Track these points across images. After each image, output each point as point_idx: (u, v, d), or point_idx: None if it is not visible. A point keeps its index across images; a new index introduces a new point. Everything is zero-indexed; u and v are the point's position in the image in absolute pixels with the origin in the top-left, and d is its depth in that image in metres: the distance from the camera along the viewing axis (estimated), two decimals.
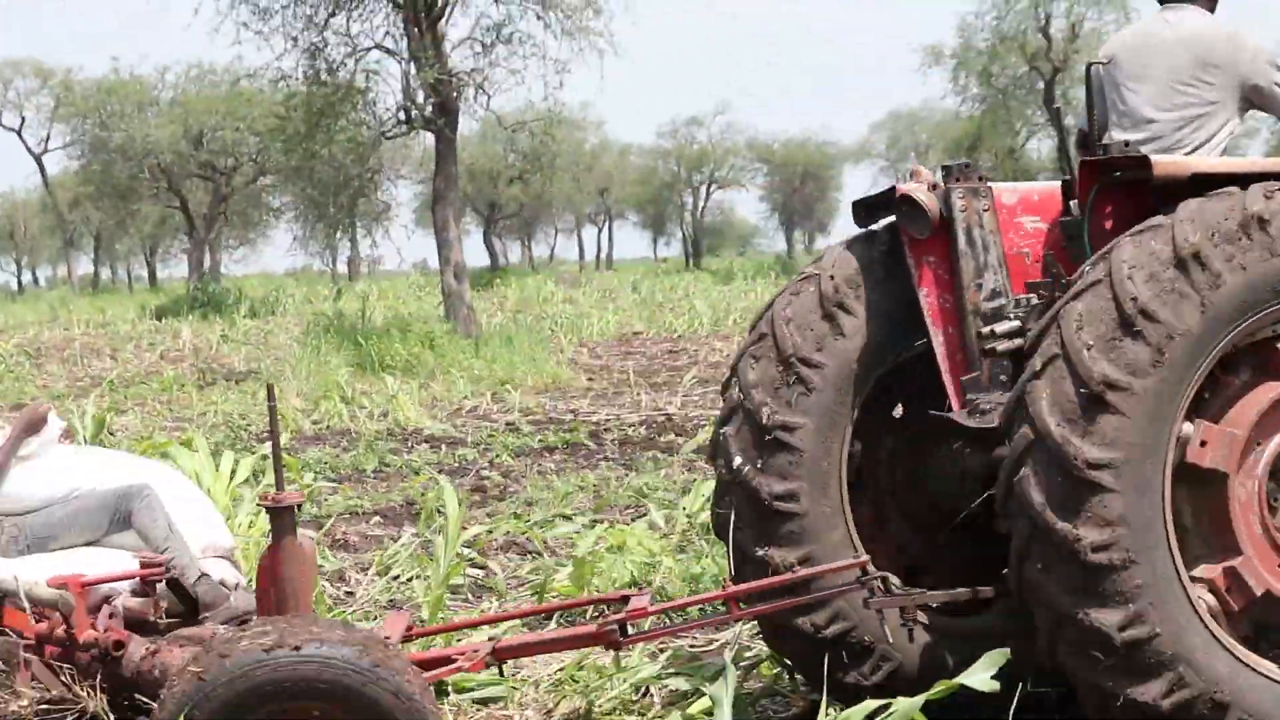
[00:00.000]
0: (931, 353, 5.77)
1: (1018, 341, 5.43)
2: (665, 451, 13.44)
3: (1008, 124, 47.86)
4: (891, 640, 5.58)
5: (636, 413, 16.42)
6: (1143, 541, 4.71)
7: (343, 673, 4.41)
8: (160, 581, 5.61)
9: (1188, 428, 4.88)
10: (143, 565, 5.58)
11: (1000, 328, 5.54)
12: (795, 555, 5.61)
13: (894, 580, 5.35)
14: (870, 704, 5.00)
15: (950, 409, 5.67)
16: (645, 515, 9.47)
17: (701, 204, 70.61)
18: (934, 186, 5.83)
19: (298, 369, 20.06)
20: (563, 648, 5.50)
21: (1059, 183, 5.99)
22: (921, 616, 5.50)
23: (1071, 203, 5.79)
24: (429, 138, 25.84)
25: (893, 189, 5.92)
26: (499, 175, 54.70)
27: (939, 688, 4.59)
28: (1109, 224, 5.58)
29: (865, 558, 5.51)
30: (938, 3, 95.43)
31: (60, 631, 5.27)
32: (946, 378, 5.74)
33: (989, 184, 5.81)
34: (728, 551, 5.81)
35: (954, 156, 56.85)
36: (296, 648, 4.39)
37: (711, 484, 9.10)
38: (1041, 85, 45.90)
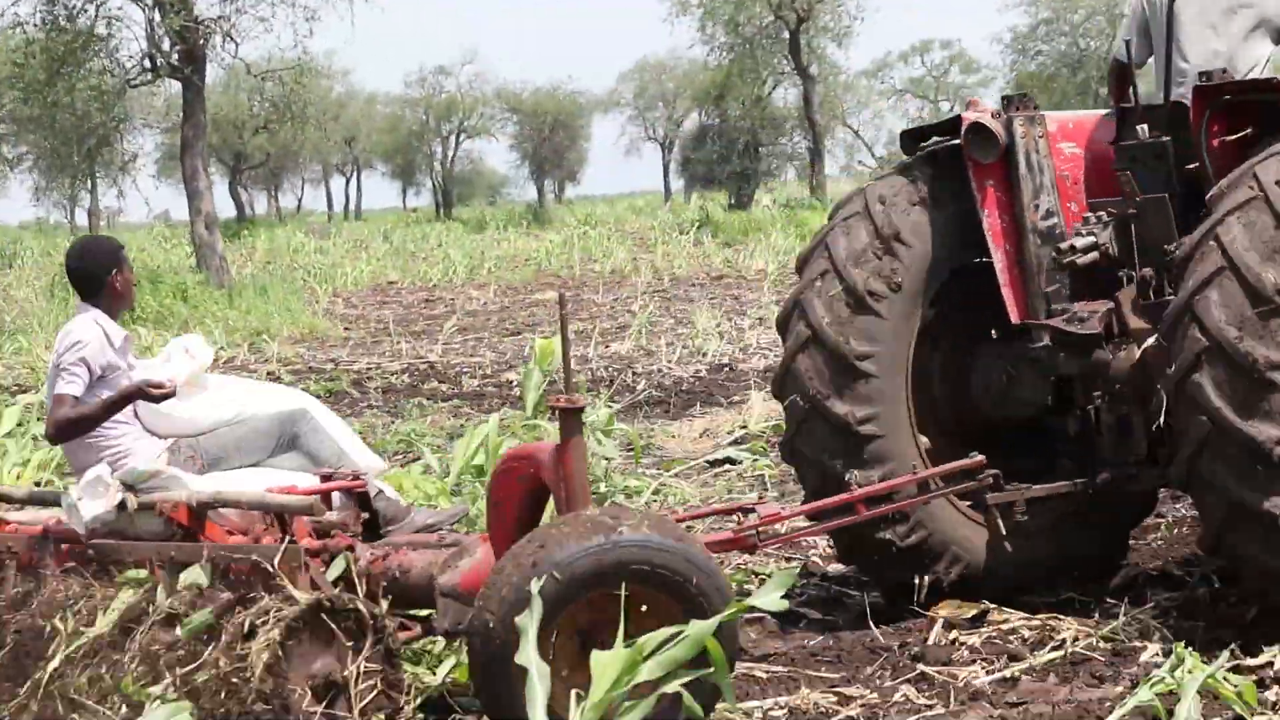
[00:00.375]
0: (976, 269, 6.45)
1: (1094, 255, 6.18)
2: (430, 398, 13.49)
3: (755, 73, 48.38)
4: (989, 537, 6.30)
5: (398, 361, 16.42)
6: None
7: (659, 553, 4.78)
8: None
9: None
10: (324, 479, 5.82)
11: (1080, 243, 6.21)
12: (877, 474, 6.17)
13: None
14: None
15: (1007, 319, 6.39)
16: (419, 459, 9.53)
17: (451, 153, 70.14)
18: (995, 115, 6.45)
19: (45, 322, 19.51)
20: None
21: (1094, 112, 6.90)
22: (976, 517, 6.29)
23: (1141, 127, 6.33)
24: (174, 86, 25.25)
25: (958, 118, 6.49)
26: (244, 125, 53.59)
27: (732, 608, 4.77)
28: (1216, 143, 6.10)
29: (981, 457, 6.09)
30: None
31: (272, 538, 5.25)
32: (1007, 290, 6.37)
33: (1043, 113, 6.55)
34: (802, 475, 6.50)
35: (701, 105, 57.66)
36: (619, 533, 4.76)
37: (483, 429, 9.30)
38: (787, 35, 46.52)
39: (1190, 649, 5.12)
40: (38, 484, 8.81)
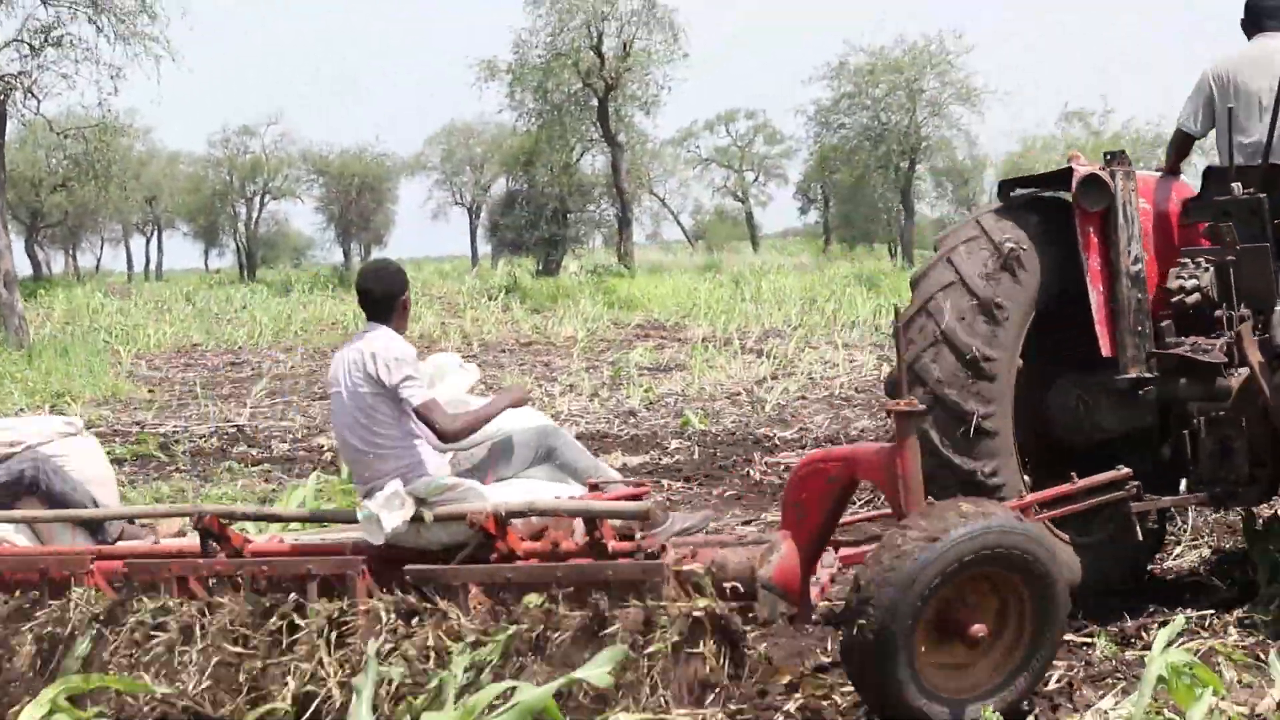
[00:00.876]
0: (1059, 305, 7.36)
1: (1198, 296, 7.27)
2: (240, 462, 13.34)
3: (563, 139, 48.61)
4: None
5: (205, 424, 16.20)
6: None
7: (1020, 537, 5.53)
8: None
9: None
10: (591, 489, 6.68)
11: (1187, 284, 7.30)
12: (989, 467, 7.05)
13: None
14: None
15: (1085, 351, 7.32)
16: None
17: (255, 215, 69.18)
18: (1103, 169, 7.41)
19: None
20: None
21: (1152, 173, 8.08)
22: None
23: (1235, 185, 7.48)
24: None
25: (1070, 169, 7.41)
26: (41, 182, 52.44)
27: (565, 680, 4.96)
28: None
29: (1128, 470, 6.96)
30: (492, 18, 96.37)
31: (571, 544, 5.92)
32: (1101, 327, 7.28)
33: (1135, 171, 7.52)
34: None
35: (509, 170, 57.72)
36: (993, 518, 5.51)
37: (299, 492, 9.25)
38: (595, 102, 46.95)
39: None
40: None
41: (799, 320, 29.59)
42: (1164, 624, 6.30)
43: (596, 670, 5.26)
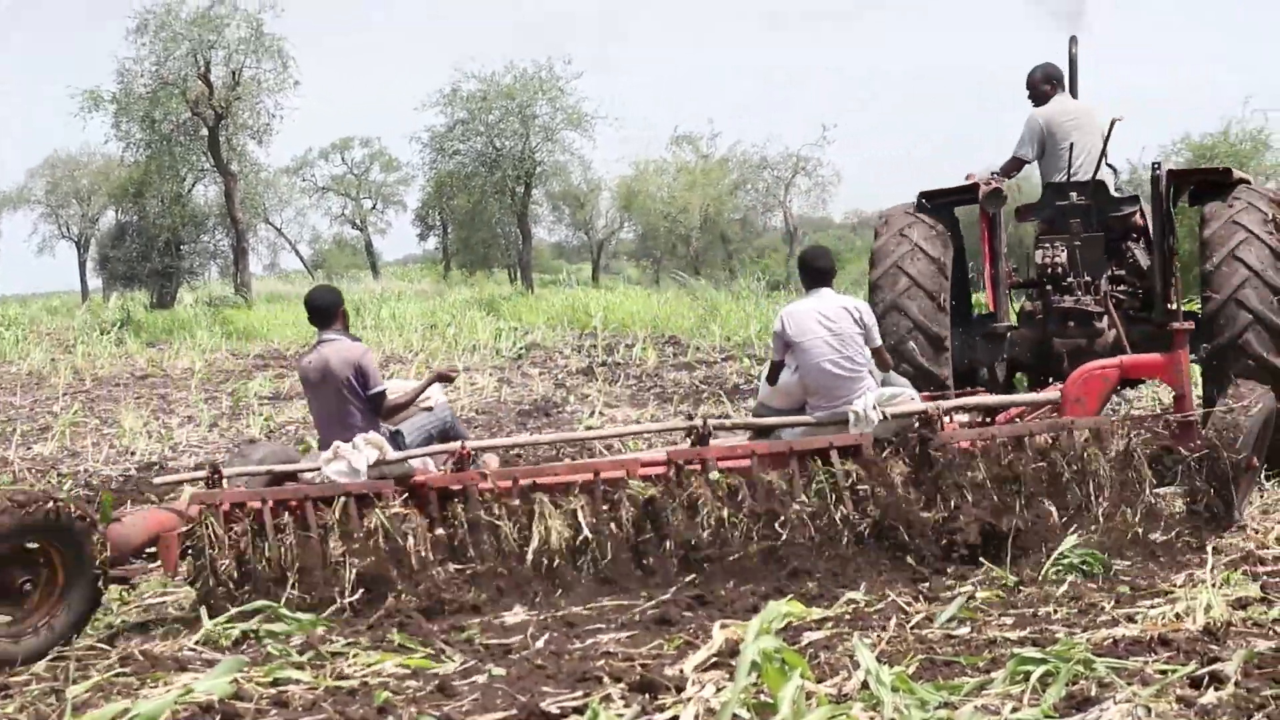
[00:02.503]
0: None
1: (1059, 267, 11.83)
2: None
3: (174, 169, 47.55)
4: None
5: None
6: None
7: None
8: None
9: None
10: None
11: (1050, 260, 11.81)
12: (945, 372, 11.61)
13: None
14: None
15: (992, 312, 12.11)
16: None
17: None
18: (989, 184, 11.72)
19: None
20: None
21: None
22: None
23: (1073, 195, 12.10)
24: None
25: (976, 185, 11.70)
26: None
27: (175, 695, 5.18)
28: (1175, 204, 12.04)
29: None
30: (97, 46, 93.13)
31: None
32: (988, 290, 12.17)
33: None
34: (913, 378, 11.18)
35: (119, 202, 56.03)
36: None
37: None
38: (206, 132, 46.12)
39: None
40: None
41: (420, 345, 29.77)
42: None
43: None
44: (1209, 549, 8.46)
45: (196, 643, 7.58)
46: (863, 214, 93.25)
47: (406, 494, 8.71)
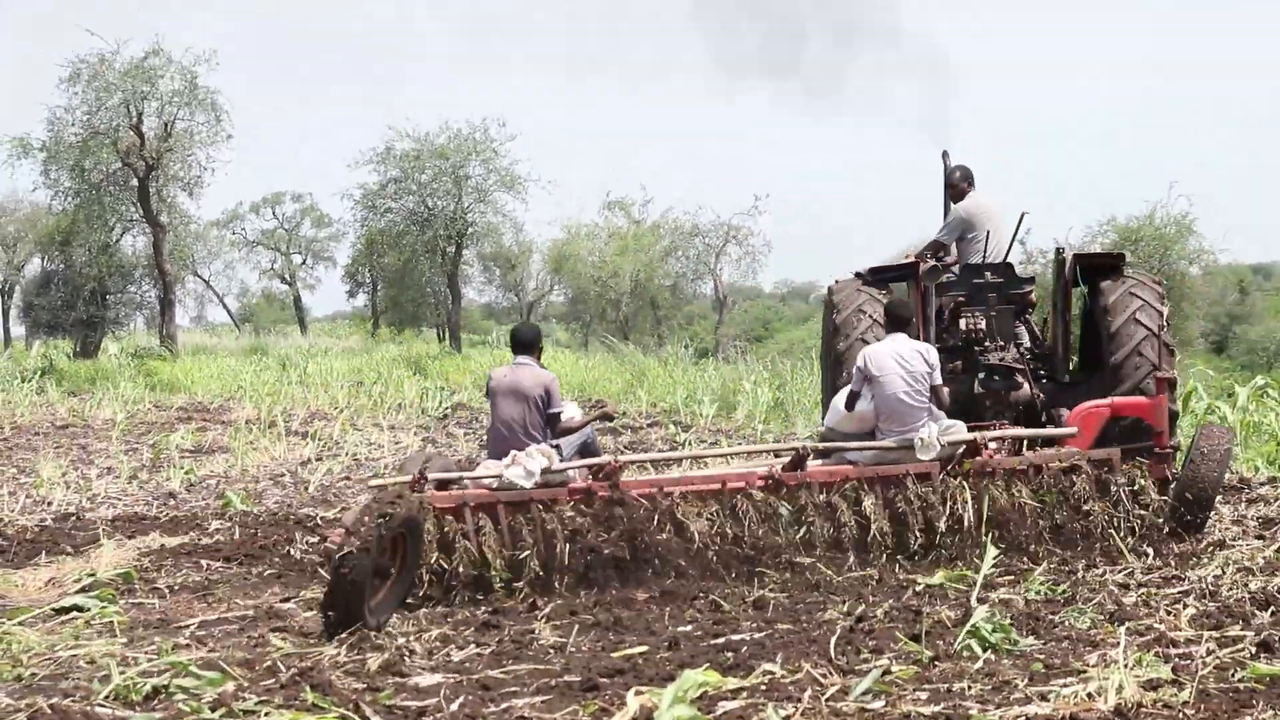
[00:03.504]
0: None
1: (981, 330, 13.82)
2: None
3: (102, 219, 47.21)
4: None
5: None
6: None
7: None
8: None
9: None
10: None
11: (972, 327, 13.80)
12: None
13: None
14: None
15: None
16: None
17: None
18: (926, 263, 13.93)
19: None
20: None
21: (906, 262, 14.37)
22: None
23: (986, 274, 14.06)
24: None
25: (916, 263, 13.98)
26: None
27: None
28: (1072, 286, 13.97)
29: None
30: (23, 93, 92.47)
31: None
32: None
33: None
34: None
35: (45, 250, 55.52)
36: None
37: None
38: (136, 182, 45.83)
39: None
40: None
41: (346, 402, 29.65)
42: None
43: None
44: (1121, 630, 8.55)
45: (107, 697, 7.49)
46: (792, 283, 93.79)
47: (579, 498, 10.84)
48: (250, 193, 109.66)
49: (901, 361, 11.89)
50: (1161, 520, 11.55)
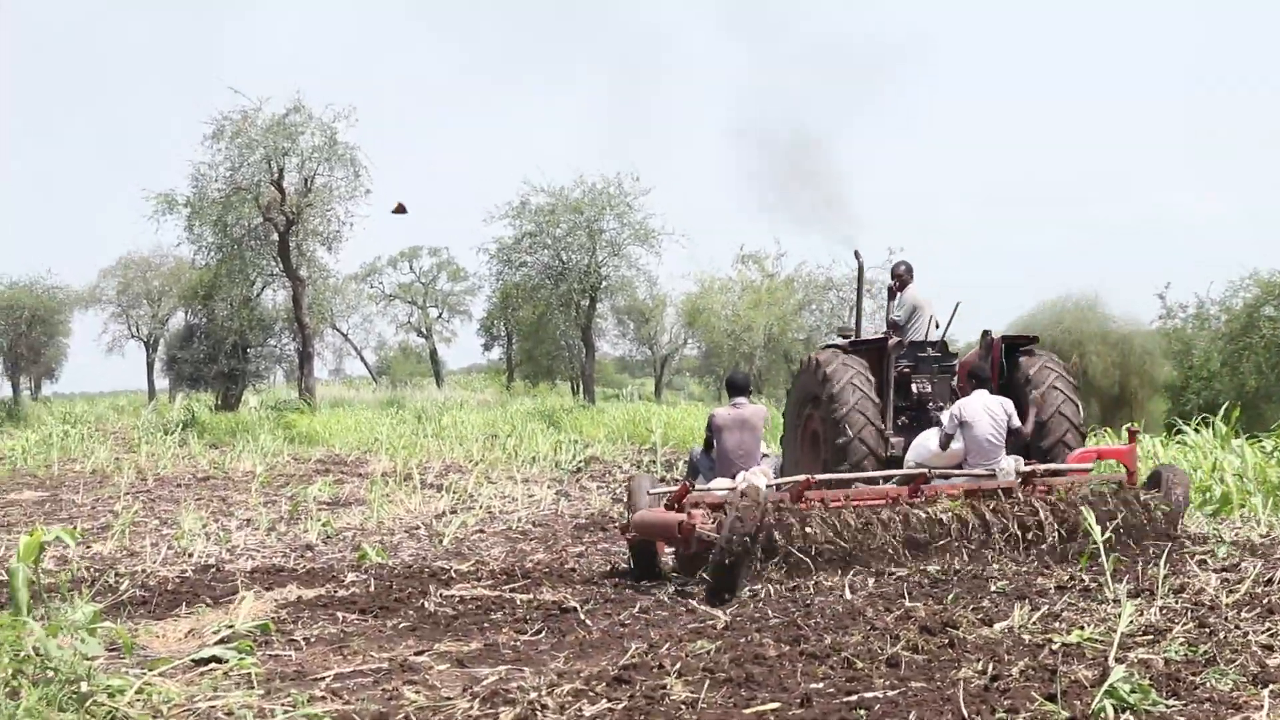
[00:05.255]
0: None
1: (926, 395, 17.61)
2: None
3: (243, 274, 48.14)
4: None
5: None
6: None
7: None
8: None
9: None
10: None
11: (921, 390, 17.62)
12: (884, 452, 17.36)
13: None
14: None
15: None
16: None
17: None
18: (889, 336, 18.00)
19: None
20: None
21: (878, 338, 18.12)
22: None
23: (931, 346, 18.02)
24: None
25: (886, 336, 17.75)
26: None
27: None
28: (1003, 359, 17.24)
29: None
30: (169, 150, 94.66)
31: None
32: (889, 407, 17.25)
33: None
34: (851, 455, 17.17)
35: (188, 304, 56.72)
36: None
37: None
38: (276, 237, 46.68)
39: None
40: None
41: (480, 455, 29.85)
42: None
43: None
44: (1265, 693, 8.30)
45: None
46: None
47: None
48: (388, 247, 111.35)
49: (989, 411, 15.31)
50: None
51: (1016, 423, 15.31)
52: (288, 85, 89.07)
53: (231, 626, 11.11)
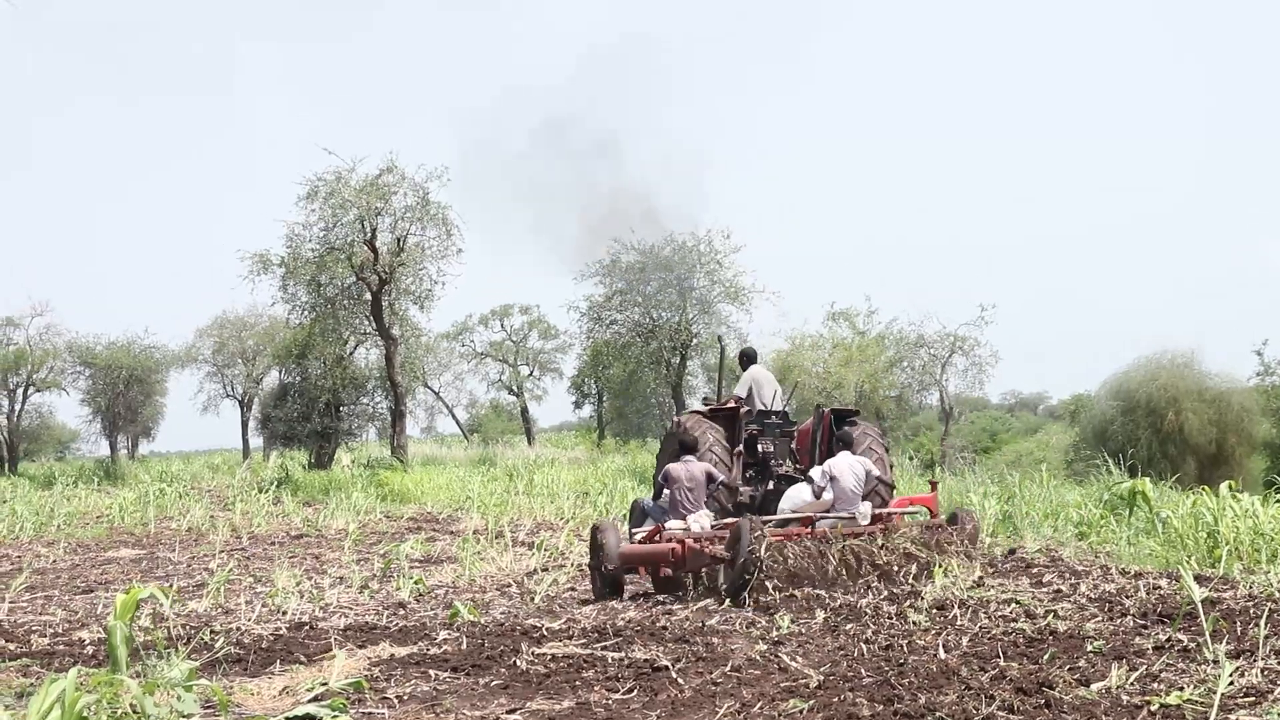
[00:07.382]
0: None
1: (770, 454, 20.52)
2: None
3: (336, 332, 48.65)
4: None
5: None
6: None
7: None
8: None
9: None
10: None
11: (766, 449, 20.51)
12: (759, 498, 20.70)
13: None
14: None
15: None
16: None
17: (18, 407, 67.55)
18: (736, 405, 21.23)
19: None
20: None
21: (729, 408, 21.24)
22: None
23: (771, 418, 21.16)
24: None
25: (737, 407, 20.83)
26: None
27: None
28: (827, 429, 20.17)
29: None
30: (263, 211, 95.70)
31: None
32: (737, 459, 20.27)
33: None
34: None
35: (282, 363, 57.37)
36: None
37: (58, 684, 9.16)
38: (369, 296, 47.15)
39: None
40: None
41: (571, 513, 29.87)
42: None
43: None
44: None
45: None
46: (1020, 394, 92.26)
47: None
48: (479, 305, 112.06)
49: (852, 469, 17.98)
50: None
51: (876, 473, 18.43)
52: (381, 146, 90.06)
53: (325, 684, 11.16)
